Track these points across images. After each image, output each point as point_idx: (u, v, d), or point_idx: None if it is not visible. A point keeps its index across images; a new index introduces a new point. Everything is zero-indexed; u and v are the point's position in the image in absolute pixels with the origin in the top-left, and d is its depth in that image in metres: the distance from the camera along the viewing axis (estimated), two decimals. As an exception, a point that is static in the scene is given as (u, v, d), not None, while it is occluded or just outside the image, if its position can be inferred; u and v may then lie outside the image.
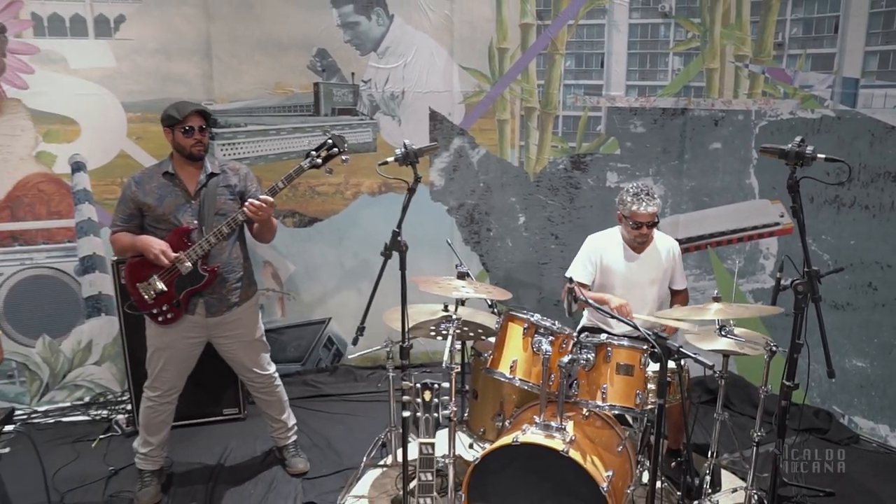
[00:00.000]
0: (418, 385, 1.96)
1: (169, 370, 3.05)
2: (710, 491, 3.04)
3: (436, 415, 1.95)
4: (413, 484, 2.98)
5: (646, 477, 2.84)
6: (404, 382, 1.95)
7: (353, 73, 4.25)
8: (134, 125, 3.98)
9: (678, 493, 3.04)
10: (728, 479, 3.30)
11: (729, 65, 4.23)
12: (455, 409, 2.03)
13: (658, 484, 2.61)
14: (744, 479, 3.19)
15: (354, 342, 2.51)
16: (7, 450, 2.37)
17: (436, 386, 1.94)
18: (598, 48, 4.38)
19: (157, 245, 2.81)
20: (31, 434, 3.14)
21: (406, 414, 1.95)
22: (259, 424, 3.80)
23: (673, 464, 3.09)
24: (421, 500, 1.90)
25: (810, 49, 3.97)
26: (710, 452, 3.09)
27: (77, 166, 3.97)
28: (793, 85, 4.04)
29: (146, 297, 2.90)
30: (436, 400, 1.93)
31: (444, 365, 2.43)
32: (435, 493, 1.95)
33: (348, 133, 4.24)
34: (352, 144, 3.00)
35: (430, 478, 1.92)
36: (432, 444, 1.93)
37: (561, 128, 4.47)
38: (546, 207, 4.53)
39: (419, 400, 1.94)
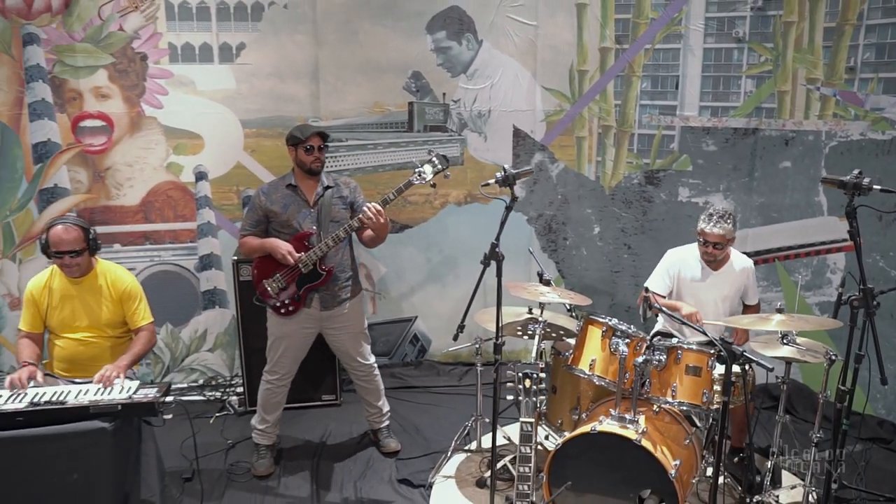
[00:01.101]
0: (520, 374, 2.32)
1: (287, 357, 3.50)
2: (770, 488, 3.28)
3: (535, 399, 2.30)
4: (501, 463, 3.36)
5: (710, 472, 3.13)
6: (509, 372, 2.30)
7: (444, 94, 4.64)
8: (250, 140, 4.48)
9: (740, 488, 3.29)
10: (788, 479, 3.52)
11: (800, 87, 4.43)
12: (543, 397, 2.36)
13: (721, 479, 2.89)
14: (803, 479, 3.41)
15: (455, 338, 2.89)
16: (170, 416, 2.82)
17: (534, 375, 2.29)
18: (673, 71, 4.65)
19: (283, 247, 3.27)
20: (186, 407, 3.62)
21: (510, 397, 2.31)
22: (353, 410, 4.24)
23: (736, 459, 3.35)
24: (521, 468, 2.24)
25: (882, 73, 4.15)
26: (770, 451, 3.33)
27: (200, 175, 4.49)
28: (864, 107, 4.22)
29: (271, 291, 3.35)
30: (534, 386, 2.28)
31: (532, 361, 2.78)
32: (532, 465, 2.29)
33: (438, 148, 4.63)
34: (426, 159, 3.38)
35: (528, 451, 2.26)
36: (531, 423, 2.28)
37: (636, 145, 4.75)
38: (620, 219, 4.82)
39: (521, 386, 2.30)
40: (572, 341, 3.39)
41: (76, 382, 2.98)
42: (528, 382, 2.28)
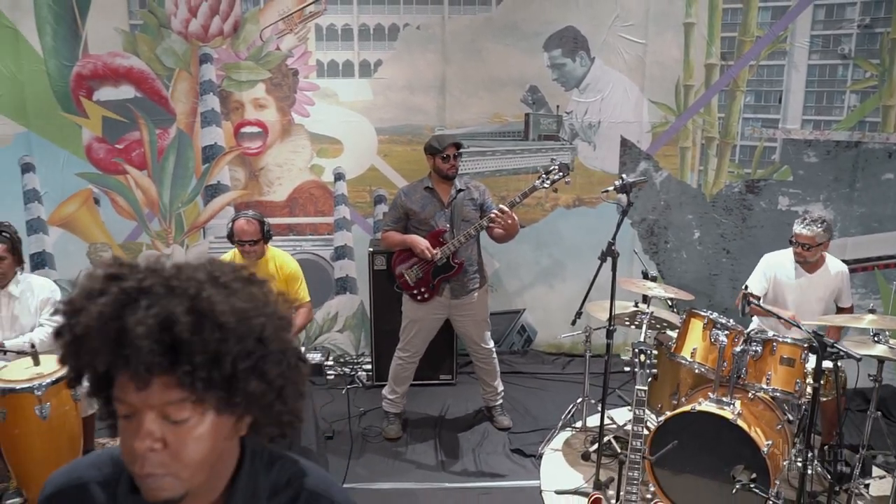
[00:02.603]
0: (637, 349, 2.73)
1: (418, 337, 4.04)
2: (859, 478, 3.54)
3: (648, 371, 2.70)
4: (605, 439, 3.76)
5: (800, 462, 3.41)
6: (633, 348, 2.72)
7: (557, 106, 5.07)
8: (383, 145, 5.05)
9: (829, 477, 3.56)
10: (878, 474, 3.75)
11: (905, 102, 4.62)
12: (654, 371, 2.75)
13: (809, 470, 3.17)
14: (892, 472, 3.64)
15: (573, 322, 3.34)
16: (332, 376, 3.39)
17: (648, 351, 2.70)
18: (776, 86, 4.91)
19: (422, 242, 3.80)
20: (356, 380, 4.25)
21: (627, 369, 2.73)
22: (467, 389, 4.75)
23: (826, 447, 3.63)
24: (636, 428, 2.66)
25: None
26: (860, 445, 3.58)
27: (338, 176, 5.10)
28: (970, 123, 4.38)
29: (409, 280, 3.89)
30: (648, 360, 2.69)
31: (636, 346, 3.16)
32: (645, 426, 2.69)
33: (550, 156, 5.05)
34: (549, 166, 3.79)
35: (641, 413, 2.67)
36: (644, 390, 2.69)
37: (738, 155, 5.04)
38: (720, 225, 5.12)
39: (637, 360, 2.71)
40: (673, 334, 3.77)
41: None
42: (642, 357, 2.69)
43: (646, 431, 3.00)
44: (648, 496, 3.32)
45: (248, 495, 1.01)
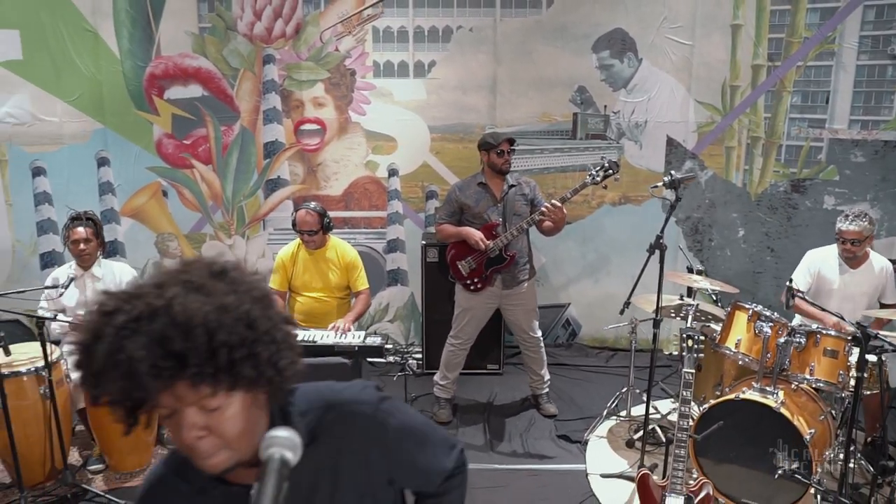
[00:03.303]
0: (685, 335, 2.87)
1: (470, 325, 4.22)
2: (903, 471, 3.61)
3: (695, 355, 2.85)
4: (652, 426, 3.90)
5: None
6: (681, 333, 2.87)
7: (605, 106, 5.21)
8: (435, 143, 5.25)
9: (872, 469, 3.64)
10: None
11: (955, 104, 4.65)
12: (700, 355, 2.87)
13: (851, 463, 3.26)
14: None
15: (621, 312, 3.49)
16: (391, 358, 3.61)
17: (696, 336, 2.84)
18: (823, 86, 4.98)
19: (476, 235, 3.98)
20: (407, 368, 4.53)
21: (675, 352, 2.87)
22: (513, 379, 4.93)
23: (869, 439, 3.71)
24: (682, 408, 2.80)
25: None
26: (904, 439, 3.66)
27: (392, 172, 5.32)
28: None
29: (463, 271, 4.08)
30: (696, 345, 2.83)
31: (684, 332, 3.29)
32: (691, 408, 2.84)
33: (597, 154, 5.19)
34: (599, 163, 3.94)
35: (687, 395, 2.81)
36: (692, 373, 2.83)
37: (783, 155, 5.12)
38: (764, 224, 5.20)
39: (685, 344, 2.85)
40: (717, 327, 3.88)
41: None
42: (689, 342, 2.83)
43: (692, 414, 3.14)
44: (691, 482, 3.45)
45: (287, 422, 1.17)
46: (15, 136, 4.94)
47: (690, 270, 4.22)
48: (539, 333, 4.35)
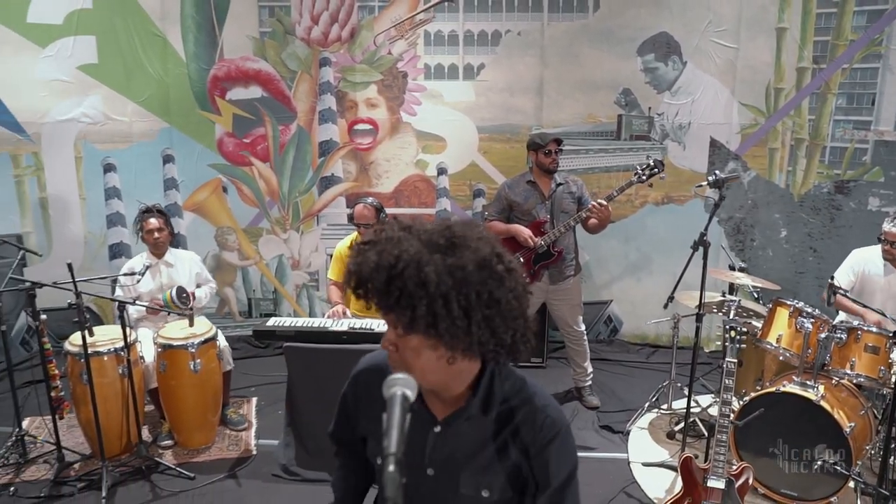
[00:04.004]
0: (728, 326, 3.01)
1: (517, 318, 4.39)
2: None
3: (736, 345, 2.98)
4: (693, 418, 4.03)
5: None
6: (724, 324, 3.00)
7: (649, 108, 5.33)
8: (483, 143, 5.44)
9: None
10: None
11: None
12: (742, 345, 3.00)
13: (892, 459, 3.33)
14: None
15: (665, 306, 3.63)
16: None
17: (738, 327, 2.97)
18: (869, 88, 5.03)
19: (525, 232, 4.15)
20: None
21: (716, 349, 2.99)
22: (556, 373, 5.08)
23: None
24: (725, 396, 2.93)
25: None
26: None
27: (441, 171, 5.52)
28: None
29: (511, 265, 4.25)
30: (737, 336, 2.96)
31: (727, 323, 3.41)
32: (732, 391, 2.96)
33: (641, 155, 5.32)
34: (645, 162, 4.07)
35: (729, 383, 2.94)
36: (734, 362, 2.97)
37: (827, 157, 5.18)
38: (807, 225, 5.27)
39: (727, 335, 2.98)
40: (758, 324, 3.99)
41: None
42: (732, 332, 2.97)
43: (733, 405, 3.26)
44: (733, 466, 3.56)
45: (483, 397, 1.38)
46: (89, 134, 5.26)
47: (732, 269, 4.33)
48: (583, 327, 4.50)
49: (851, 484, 3.42)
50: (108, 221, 5.46)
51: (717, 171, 3.54)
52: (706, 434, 3.87)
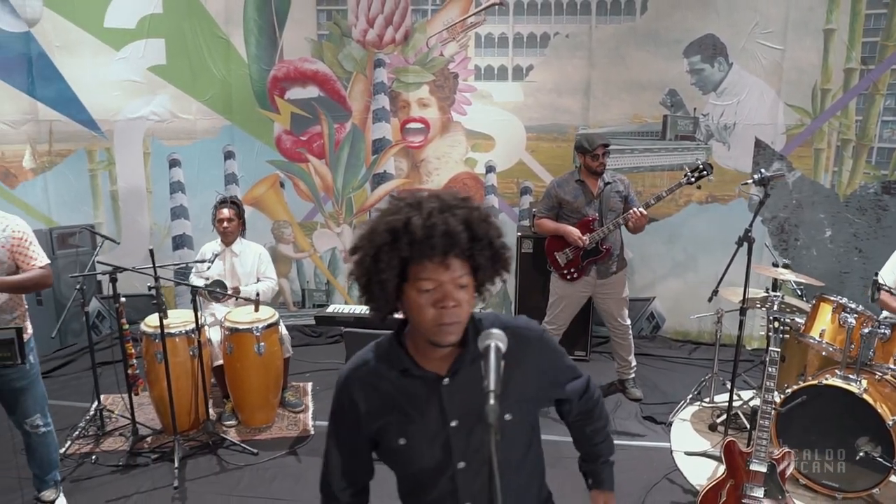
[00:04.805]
0: (772, 318, 3.13)
1: (565, 312, 4.55)
2: None
3: (780, 336, 3.09)
4: (735, 411, 4.13)
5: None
6: (768, 315, 3.12)
7: (694, 108, 5.43)
8: (531, 142, 5.60)
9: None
10: None
11: None
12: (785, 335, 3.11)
13: None
14: None
15: (709, 300, 3.75)
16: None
17: (782, 318, 3.09)
18: (919, 89, 5.06)
19: (574, 232, 4.30)
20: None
21: (758, 346, 3.10)
22: (600, 365, 5.21)
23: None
24: (768, 382, 3.06)
25: None
26: None
27: (489, 169, 5.70)
28: None
29: (560, 261, 4.41)
30: (781, 327, 3.08)
31: (771, 314, 3.52)
32: (775, 383, 3.08)
33: (686, 154, 5.43)
34: (688, 163, 4.19)
35: (772, 371, 3.06)
36: (777, 352, 3.08)
37: (874, 157, 5.22)
38: (853, 225, 5.31)
39: (772, 325, 3.10)
40: (801, 320, 4.07)
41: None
42: (776, 323, 3.08)
43: (776, 398, 3.37)
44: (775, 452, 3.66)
45: (475, 336, 1.49)
46: (156, 131, 5.57)
47: (776, 266, 4.41)
48: (628, 322, 4.63)
49: (893, 478, 3.50)
50: (172, 214, 5.76)
51: (762, 170, 3.65)
52: (748, 426, 3.97)
